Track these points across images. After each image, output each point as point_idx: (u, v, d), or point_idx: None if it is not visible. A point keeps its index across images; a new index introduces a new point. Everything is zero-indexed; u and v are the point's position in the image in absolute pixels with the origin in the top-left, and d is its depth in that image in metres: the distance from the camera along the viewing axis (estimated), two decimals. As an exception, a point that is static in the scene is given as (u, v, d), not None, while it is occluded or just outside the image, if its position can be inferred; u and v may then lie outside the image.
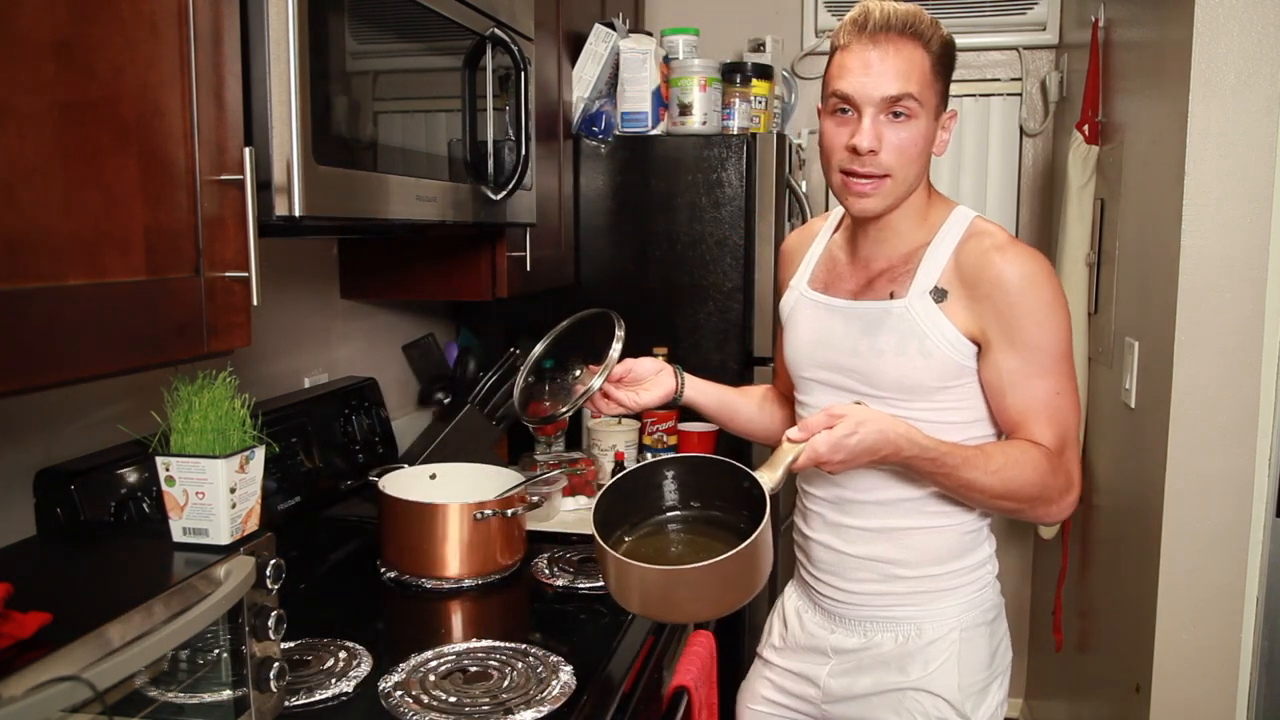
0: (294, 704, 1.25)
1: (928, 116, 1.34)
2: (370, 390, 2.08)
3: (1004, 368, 1.34)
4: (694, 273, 2.44)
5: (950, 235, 1.38)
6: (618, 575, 1.24)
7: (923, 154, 1.36)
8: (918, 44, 1.32)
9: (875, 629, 1.45)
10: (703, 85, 2.41)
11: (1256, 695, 1.94)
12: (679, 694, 1.63)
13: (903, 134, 1.33)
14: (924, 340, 1.35)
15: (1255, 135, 1.82)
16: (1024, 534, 3.18)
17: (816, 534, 1.49)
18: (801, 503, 1.53)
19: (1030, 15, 2.96)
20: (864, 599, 1.45)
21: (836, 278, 1.48)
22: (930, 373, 1.36)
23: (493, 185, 1.65)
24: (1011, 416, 1.36)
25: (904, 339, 1.36)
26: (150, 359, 0.96)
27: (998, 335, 1.33)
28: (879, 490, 1.41)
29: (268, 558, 1.11)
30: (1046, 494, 1.34)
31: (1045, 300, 1.33)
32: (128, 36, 0.92)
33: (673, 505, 1.37)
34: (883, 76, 1.31)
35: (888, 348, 1.37)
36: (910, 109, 1.32)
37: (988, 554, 1.49)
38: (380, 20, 1.36)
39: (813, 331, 1.48)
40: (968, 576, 1.45)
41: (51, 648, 0.84)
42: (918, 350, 1.35)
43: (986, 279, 1.33)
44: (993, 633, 1.47)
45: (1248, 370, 1.86)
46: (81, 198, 0.88)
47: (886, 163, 1.33)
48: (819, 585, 1.50)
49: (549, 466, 2.20)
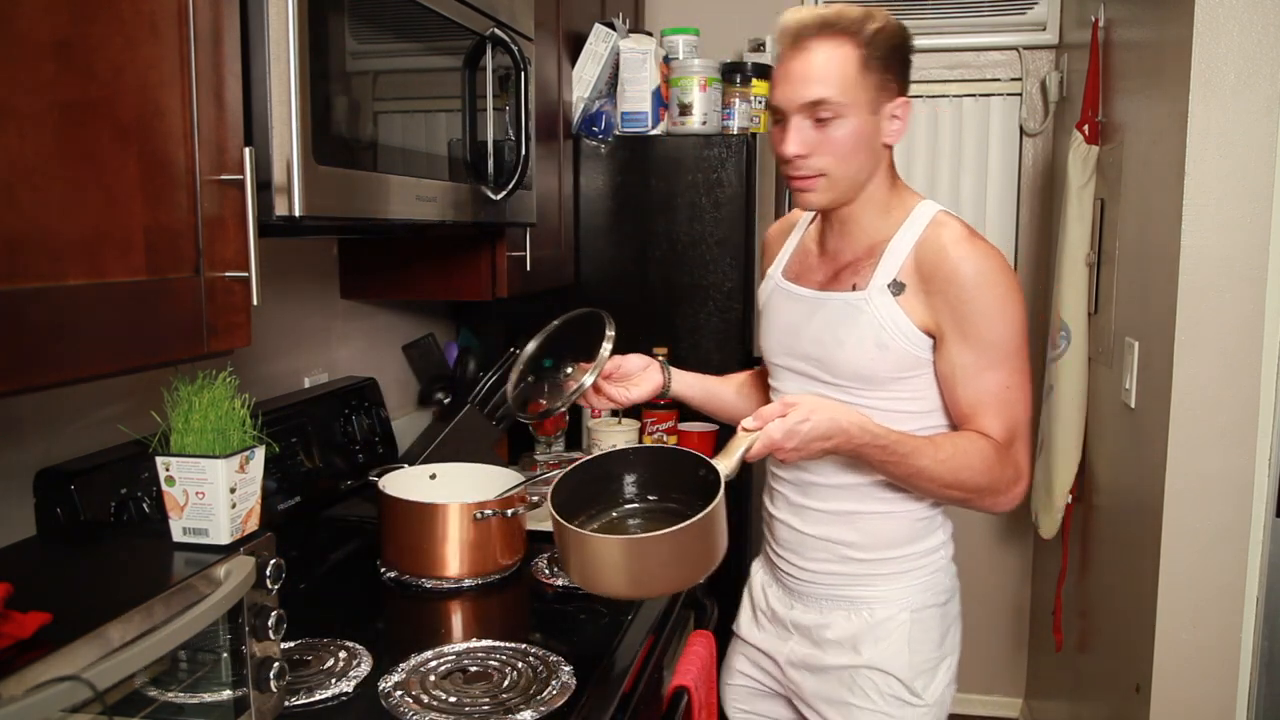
0: (294, 704, 1.25)
1: (860, 112, 1.36)
2: (370, 390, 2.08)
3: (956, 361, 1.37)
4: (694, 273, 2.44)
5: (912, 229, 1.41)
6: (576, 550, 1.26)
7: (859, 149, 1.38)
8: (842, 41, 1.34)
9: (831, 607, 1.51)
10: (703, 85, 2.41)
11: (1256, 695, 1.94)
12: (679, 694, 1.63)
13: (831, 134, 1.36)
14: (880, 332, 1.39)
15: (1255, 135, 1.82)
16: (1024, 534, 3.19)
17: (780, 513, 1.56)
18: (769, 483, 1.60)
19: (1030, 15, 2.96)
20: (821, 578, 1.51)
21: (807, 268, 1.53)
22: (886, 364, 1.40)
23: (493, 185, 1.65)
24: (963, 409, 1.39)
25: (862, 331, 1.40)
26: (150, 359, 0.96)
27: (951, 329, 1.36)
28: (836, 475, 1.47)
29: (268, 558, 1.11)
30: (994, 485, 1.38)
31: (997, 296, 1.35)
32: (128, 36, 0.92)
33: (631, 498, 1.40)
34: (801, 83, 1.35)
35: (847, 338, 1.41)
36: (833, 110, 1.35)
37: (942, 540, 1.53)
38: (380, 20, 1.36)
39: (783, 320, 1.53)
40: (920, 561, 1.49)
41: (51, 648, 0.84)
42: (874, 342, 1.39)
43: (941, 274, 1.36)
44: (944, 614, 1.51)
45: (1248, 370, 1.86)
46: (81, 198, 0.88)
47: (817, 164, 1.38)
48: (781, 562, 1.57)
49: (549, 466, 2.20)
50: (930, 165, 3.11)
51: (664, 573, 1.26)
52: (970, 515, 3.37)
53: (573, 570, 1.29)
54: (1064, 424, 2.50)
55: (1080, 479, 2.53)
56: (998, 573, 3.24)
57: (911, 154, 3.11)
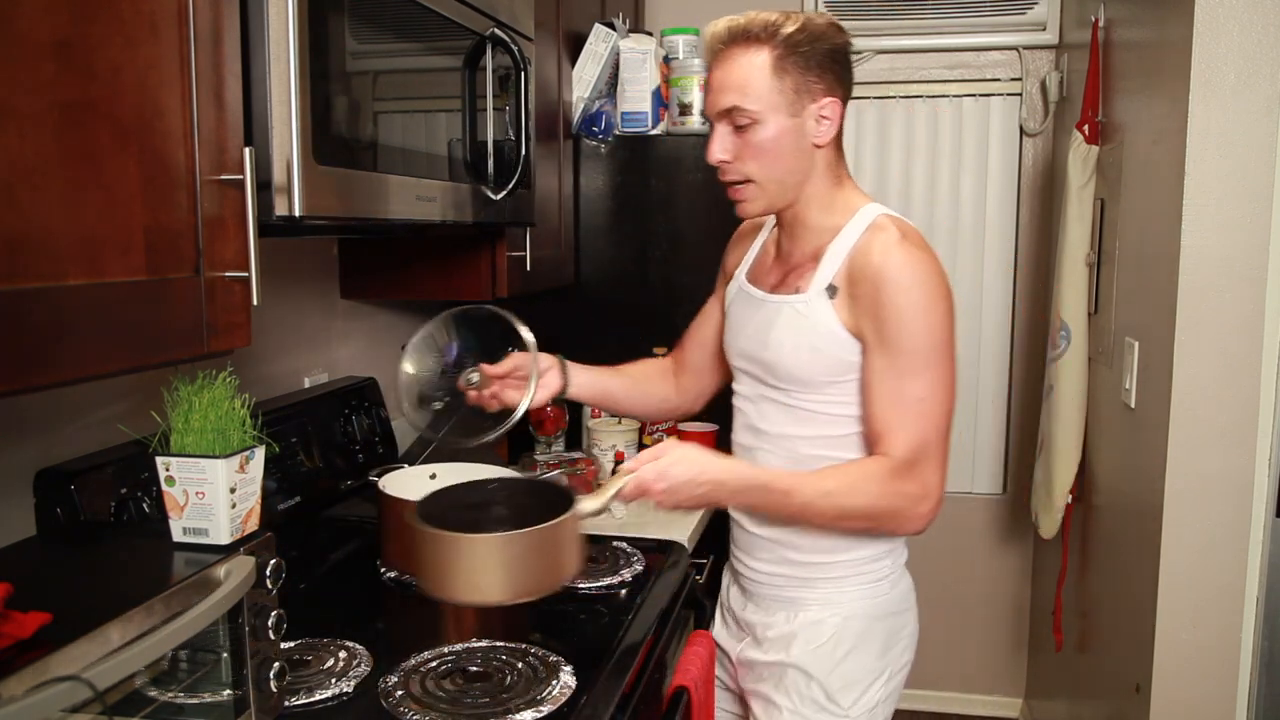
0: (294, 704, 1.25)
1: (777, 115, 1.36)
2: (370, 390, 2.08)
3: (873, 366, 1.37)
4: (694, 273, 2.44)
5: (851, 233, 1.41)
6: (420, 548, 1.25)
7: (784, 153, 1.38)
8: (752, 47, 1.36)
9: (775, 607, 1.54)
10: (702, 85, 2.41)
11: (1256, 695, 1.94)
12: (679, 694, 1.63)
13: (751, 139, 1.37)
14: (814, 336, 1.40)
15: (1255, 135, 1.82)
16: (1024, 534, 3.19)
17: (735, 513, 1.58)
18: None
19: (1030, 15, 2.96)
20: (766, 578, 1.54)
21: (764, 271, 1.55)
22: (818, 367, 1.41)
23: (493, 185, 1.65)
24: (874, 422, 1.38)
25: (799, 333, 1.41)
26: (150, 359, 0.96)
27: (870, 333, 1.36)
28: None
29: (268, 558, 1.11)
30: (893, 510, 1.36)
31: (915, 301, 1.33)
32: (128, 36, 0.92)
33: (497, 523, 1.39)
34: (718, 92, 1.38)
35: (786, 341, 1.43)
36: (749, 116, 1.36)
37: (883, 550, 1.50)
38: (380, 20, 1.36)
39: (739, 321, 1.56)
40: (859, 568, 1.48)
41: (51, 648, 0.84)
42: (809, 345, 1.41)
43: (866, 276, 1.36)
44: (887, 629, 1.50)
45: (1248, 370, 1.86)
46: (81, 198, 0.88)
47: (742, 169, 1.40)
48: (736, 563, 1.61)
49: (549, 466, 2.20)
50: (930, 165, 3.11)
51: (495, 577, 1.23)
52: (970, 515, 3.37)
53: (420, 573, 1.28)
54: (1064, 424, 2.50)
55: (1080, 479, 2.53)
56: (998, 573, 3.24)
57: (911, 154, 3.11)
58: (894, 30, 3.03)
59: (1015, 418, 3.19)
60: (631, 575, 1.75)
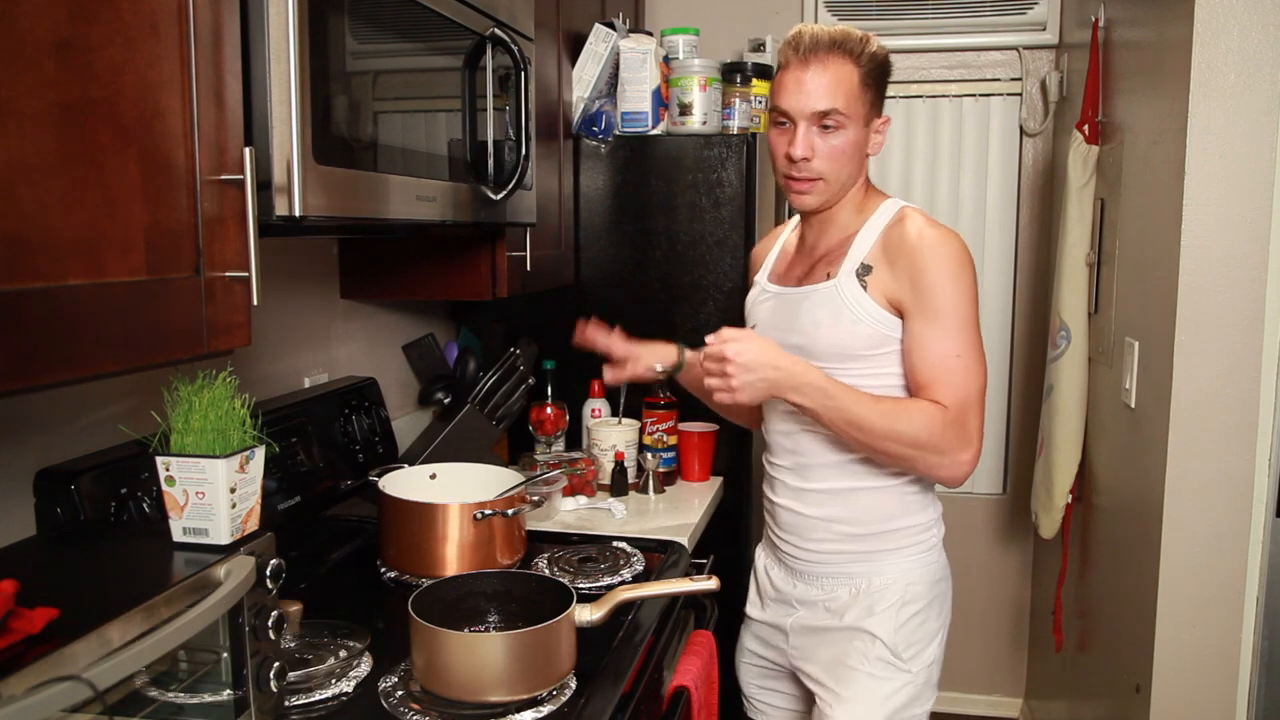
0: (294, 704, 1.25)
1: (857, 125, 1.53)
2: (370, 390, 2.08)
3: (913, 330, 1.50)
4: (694, 273, 2.44)
5: (879, 221, 1.57)
6: (421, 644, 1.26)
7: (854, 158, 1.55)
8: (846, 60, 1.51)
9: (832, 583, 1.62)
10: (703, 85, 2.41)
11: (1256, 695, 1.94)
12: (679, 694, 1.63)
13: (833, 142, 1.53)
14: (852, 311, 1.53)
15: (1255, 135, 1.82)
16: (1024, 534, 3.19)
17: (780, 499, 1.67)
18: (768, 473, 1.71)
19: (1030, 15, 2.96)
20: (823, 557, 1.62)
21: (788, 267, 1.69)
22: (859, 338, 1.53)
23: (493, 185, 1.65)
24: (919, 378, 1.50)
25: (837, 311, 1.54)
26: (150, 359, 0.96)
27: (910, 300, 1.50)
28: (827, 454, 1.59)
29: (268, 558, 1.11)
30: (936, 443, 1.48)
31: (950, 268, 1.49)
32: (128, 36, 0.92)
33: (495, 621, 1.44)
34: (813, 94, 1.51)
35: (824, 319, 1.55)
36: (838, 121, 1.52)
37: (933, 518, 1.64)
38: (380, 20, 1.36)
39: (766, 319, 1.67)
40: (914, 537, 1.61)
41: (60, 642, 0.84)
42: (850, 319, 1.53)
43: (905, 249, 1.51)
44: (936, 592, 1.63)
45: (1248, 370, 1.86)
46: (81, 198, 0.88)
47: (818, 168, 1.54)
48: (783, 545, 1.68)
49: (549, 466, 2.20)
50: (930, 165, 3.11)
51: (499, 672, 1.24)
52: (970, 515, 3.36)
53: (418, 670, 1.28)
54: (1064, 424, 2.50)
55: (1080, 479, 2.53)
56: (998, 573, 3.24)
57: (911, 154, 3.11)
58: (894, 30, 3.04)
59: (1015, 418, 3.19)
60: (631, 575, 1.75)
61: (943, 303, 1.48)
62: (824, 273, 1.58)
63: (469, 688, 1.24)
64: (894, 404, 1.49)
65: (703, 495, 2.30)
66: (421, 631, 1.26)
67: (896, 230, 1.53)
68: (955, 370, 1.48)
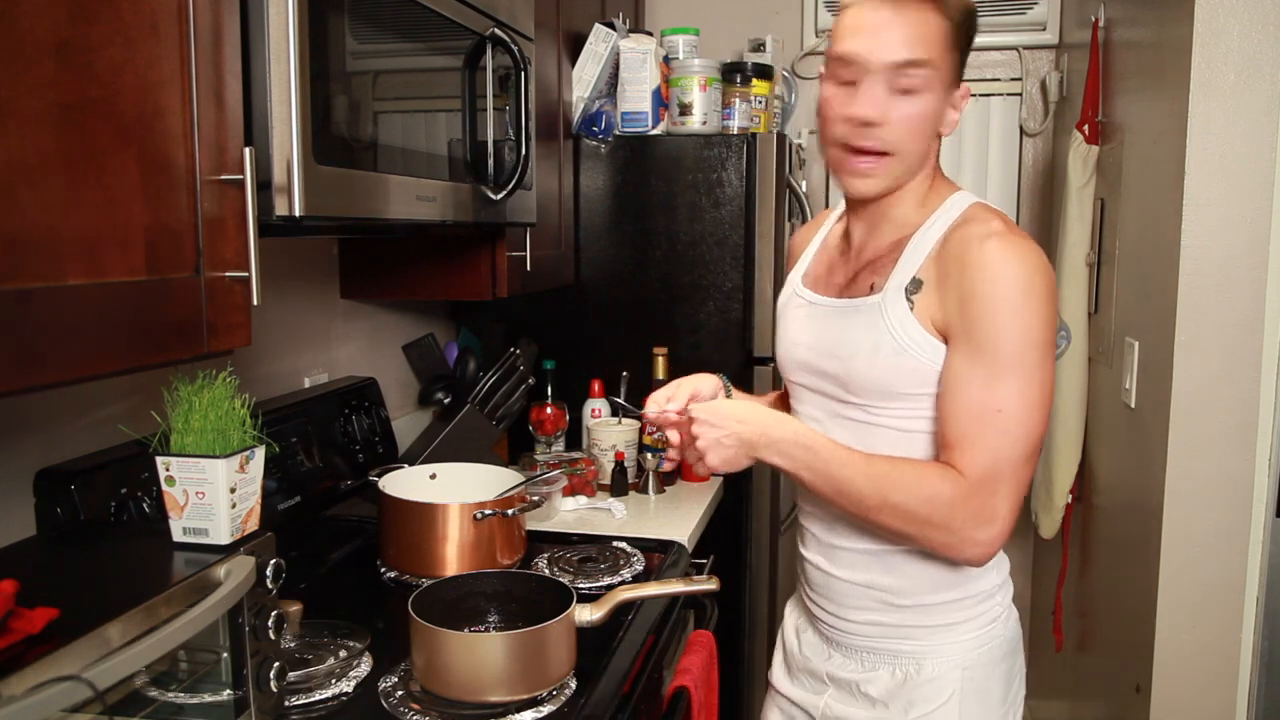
0: (294, 704, 1.25)
1: (940, 90, 1.20)
2: (370, 390, 2.08)
3: (953, 367, 1.18)
4: (694, 273, 2.44)
5: (941, 221, 1.24)
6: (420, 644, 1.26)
7: (930, 133, 1.23)
8: (935, 7, 1.18)
9: (873, 660, 1.33)
10: (703, 85, 2.41)
11: (1256, 695, 1.94)
12: (679, 694, 1.63)
13: (910, 108, 1.19)
14: (894, 339, 1.22)
15: (1255, 135, 1.82)
16: (1024, 534, 3.18)
17: (809, 553, 1.39)
18: (799, 521, 1.44)
19: (1030, 15, 2.96)
20: (860, 628, 1.33)
21: (828, 271, 1.38)
22: (901, 373, 1.22)
23: (493, 185, 1.65)
24: (945, 432, 1.19)
25: (878, 337, 1.23)
26: (150, 359, 0.96)
27: (956, 326, 1.18)
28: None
29: (268, 558, 1.11)
30: (941, 521, 1.17)
31: (1011, 294, 1.14)
32: (128, 36, 0.92)
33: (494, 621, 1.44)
34: (892, 39, 1.17)
35: (862, 346, 1.24)
36: (921, 79, 1.18)
37: (996, 582, 1.32)
38: (380, 20, 1.36)
39: (797, 332, 1.38)
40: (974, 609, 1.30)
41: (60, 642, 0.84)
42: (891, 348, 1.22)
43: (963, 264, 1.17)
44: (1007, 671, 1.32)
45: (1248, 370, 1.86)
46: (81, 197, 0.88)
47: (890, 138, 1.20)
48: (815, 608, 1.40)
49: (549, 466, 2.20)
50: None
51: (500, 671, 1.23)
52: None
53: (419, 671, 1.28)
54: (1064, 424, 2.50)
55: (1080, 479, 2.53)
56: (998, 573, 3.24)
57: (911, 154, 3.11)
58: (894, 30, 3.03)
59: (1015, 418, 3.18)
60: (631, 575, 1.75)
61: (994, 337, 1.14)
62: (868, 284, 1.26)
63: (469, 688, 1.24)
64: (890, 467, 1.19)
65: (703, 495, 2.30)
66: (421, 631, 1.26)
67: (958, 234, 1.20)
68: (990, 431, 1.15)
